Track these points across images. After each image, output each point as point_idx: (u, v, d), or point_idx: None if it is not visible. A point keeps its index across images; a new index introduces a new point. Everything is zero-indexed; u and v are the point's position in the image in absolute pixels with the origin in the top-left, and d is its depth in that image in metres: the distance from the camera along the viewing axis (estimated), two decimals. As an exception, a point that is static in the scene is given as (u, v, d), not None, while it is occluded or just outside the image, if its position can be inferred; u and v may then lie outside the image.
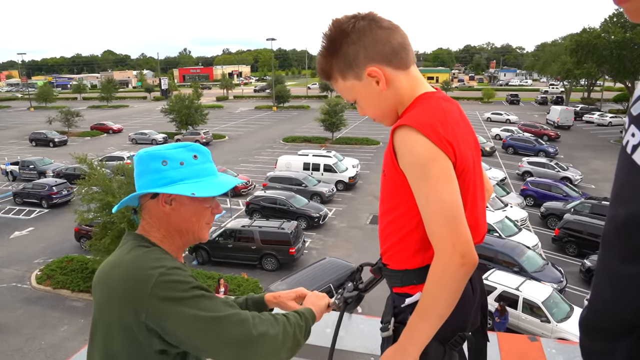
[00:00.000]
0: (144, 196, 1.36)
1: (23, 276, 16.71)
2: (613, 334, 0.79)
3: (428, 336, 1.20)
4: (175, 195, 1.32)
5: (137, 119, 57.79)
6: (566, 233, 17.50)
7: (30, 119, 59.66)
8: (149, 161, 1.34)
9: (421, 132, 1.15)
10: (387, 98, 1.28)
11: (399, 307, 1.32)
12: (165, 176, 1.32)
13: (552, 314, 11.95)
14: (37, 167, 29.58)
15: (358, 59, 1.24)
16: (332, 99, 39.59)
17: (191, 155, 1.36)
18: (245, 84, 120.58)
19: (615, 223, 0.76)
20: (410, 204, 1.22)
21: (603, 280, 0.81)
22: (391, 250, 1.33)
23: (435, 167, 1.14)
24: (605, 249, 0.80)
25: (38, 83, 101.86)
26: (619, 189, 0.78)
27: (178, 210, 1.34)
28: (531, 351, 1.86)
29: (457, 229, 1.13)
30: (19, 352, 12.47)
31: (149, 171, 1.33)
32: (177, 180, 1.32)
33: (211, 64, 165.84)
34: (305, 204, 20.93)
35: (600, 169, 28.82)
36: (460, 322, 1.28)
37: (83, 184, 15.36)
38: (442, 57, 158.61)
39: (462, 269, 1.12)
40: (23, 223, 22.11)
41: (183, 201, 1.34)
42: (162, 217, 1.34)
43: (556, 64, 55.87)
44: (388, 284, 1.40)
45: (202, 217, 1.38)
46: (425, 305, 1.19)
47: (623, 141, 0.80)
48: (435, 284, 1.16)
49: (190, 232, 1.38)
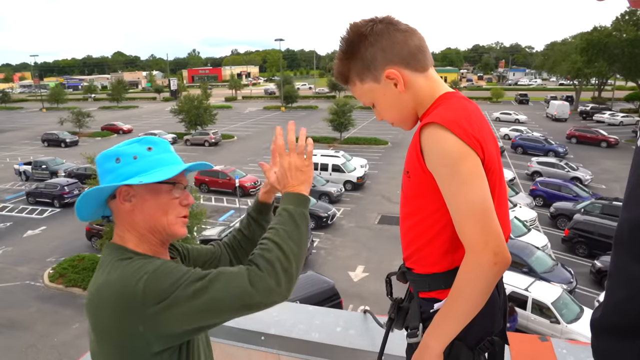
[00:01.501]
0: (108, 200, 1.29)
1: (36, 274, 16.92)
2: (626, 334, 0.78)
3: (452, 334, 1.18)
4: (132, 189, 1.25)
5: (147, 120, 58.11)
6: (576, 233, 17.36)
7: (43, 119, 60.26)
8: (104, 162, 1.28)
9: (450, 130, 1.12)
10: (406, 100, 1.27)
11: (427, 313, 1.27)
12: (120, 173, 1.24)
13: (562, 314, 11.88)
14: (49, 167, 29.89)
15: (376, 61, 1.24)
16: (341, 99, 39.54)
17: (144, 147, 1.29)
18: (254, 84, 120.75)
19: (628, 224, 0.76)
20: (436, 206, 1.20)
21: (616, 280, 0.81)
22: (417, 254, 1.29)
23: (465, 165, 1.12)
24: (619, 249, 0.80)
25: (50, 84, 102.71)
26: (632, 190, 0.77)
27: (140, 206, 1.26)
28: (542, 351, 1.87)
29: (489, 226, 1.11)
30: (32, 349, 12.64)
31: (105, 172, 1.28)
32: (132, 175, 1.24)
33: (220, 65, 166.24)
34: (314, 203, 20.92)
35: (611, 169, 28.53)
36: (488, 325, 1.25)
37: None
38: (450, 56, 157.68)
39: (495, 268, 1.10)
40: (36, 222, 22.37)
41: (144, 196, 1.25)
42: (127, 216, 1.27)
43: (566, 63, 55.25)
44: (412, 288, 1.36)
45: (170, 210, 1.28)
46: (453, 303, 1.16)
47: (638, 142, 0.80)
48: (465, 281, 1.13)
49: (160, 228, 1.28)
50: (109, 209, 1.32)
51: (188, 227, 5.73)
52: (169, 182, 1.27)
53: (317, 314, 2.16)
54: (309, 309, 2.28)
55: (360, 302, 13.78)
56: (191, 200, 1.35)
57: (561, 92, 73.57)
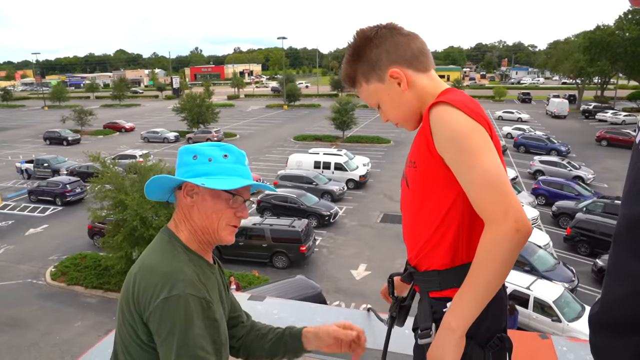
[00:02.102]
0: (175, 188, 1.43)
1: (38, 272, 16.97)
2: (623, 330, 0.78)
3: (476, 312, 1.12)
4: (196, 187, 1.36)
5: (149, 118, 58.19)
6: (578, 232, 17.35)
7: (44, 117, 60.39)
8: (183, 154, 1.42)
9: (457, 107, 1.17)
10: (409, 99, 1.32)
11: (440, 312, 1.23)
12: (192, 169, 1.37)
13: (564, 313, 11.88)
14: (51, 165, 29.93)
15: (381, 61, 1.31)
16: (343, 98, 39.53)
17: (221, 154, 1.41)
18: (256, 82, 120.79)
19: (627, 220, 0.77)
20: (445, 195, 1.21)
21: (614, 277, 0.82)
22: (425, 249, 1.27)
23: (475, 137, 1.15)
24: (617, 246, 0.80)
25: (52, 82, 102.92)
26: (631, 186, 0.78)
27: (199, 204, 1.37)
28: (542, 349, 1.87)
29: (507, 194, 1.09)
30: (34, 347, 12.68)
31: (181, 163, 1.41)
32: (202, 174, 1.36)
33: (222, 63, 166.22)
34: (316, 202, 20.96)
35: (613, 167, 28.48)
36: (497, 322, 1.24)
37: (96, 182, 15.54)
38: (453, 55, 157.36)
39: (516, 235, 1.06)
40: (38, 220, 22.43)
41: (204, 196, 1.37)
42: (185, 209, 1.39)
43: (569, 61, 55.15)
44: (421, 289, 1.34)
45: (223, 216, 1.38)
46: (476, 277, 1.11)
47: (636, 139, 0.80)
48: (488, 252, 1.09)
49: (211, 230, 1.39)
50: (174, 196, 1.45)
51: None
52: (229, 192, 1.38)
53: (318, 312, 2.16)
54: (310, 306, 2.29)
55: (362, 301, 13.79)
56: (245, 215, 1.44)
57: (564, 91, 73.46)
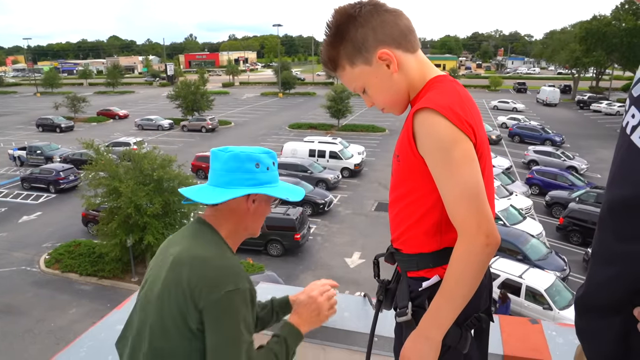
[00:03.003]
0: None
1: (32, 260, 16.94)
2: (607, 310, 0.80)
3: (451, 319, 1.19)
4: (259, 196, 1.46)
5: (143, 105, 57.79)
6: (570, 222, 17.50)
7: (37, 104, 59.79)
8: (245, 161, 1.44)
9: (443, 115, 1.13)
10: (398, 82, 1.26)
11: (416, 292, 1.29)
12: (256, 178, 1.44)
13: (555, 301, 12.02)
14: (44, 153, 29.73)
15: (367, 42, 1.22)
16: (339, 86, 39.41)
17: (272, 162, 1.49)
18: (252, 70, 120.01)
19: (610, 203, 0.78)
20: (426, 189, 1.21)
21: (599, 260, 0.84)
22: (405, 235, 1.30)
23: (458, 149, 1.13)
24: (601, 229, 0.82)
25: (44, 68, 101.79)
26: (616, 170, 0.79)
27: (257, 209, 1.48)
28: (532, 333, 1.90)
29: (481, 209, 1.12)
30: (29, 334, 12.71)
31: (242, 170, 1.43)
32: (264, 183, 1.45)
33: (217, 50, 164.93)
34: (311, 190, 20.96)
35: (607, 158, 28.60)
36: (475, 303, 1.26)
37: (90, 170, 15.48)
38: (449, 44, 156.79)
39: (487, 249, 1.11)
40: (31, 208, 22.33)
41: (262, 203, 1.48)
42: (242, 213, 1.46)
43: (565, 52, 55.20)
44: (401, 269, 1.37)
45: (266, 214, 1.54)
46: (451, 288, 1.16)
47: (623, 122, 0.81)
48: (461, 264, 1.14)
49: (253, 229, 1.52)
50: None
51: (185, 213, 5.88)
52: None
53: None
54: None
55: (356, 288, 13.89)
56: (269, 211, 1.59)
57: (559, 81, 73.54)
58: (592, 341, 0.88)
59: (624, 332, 0.78)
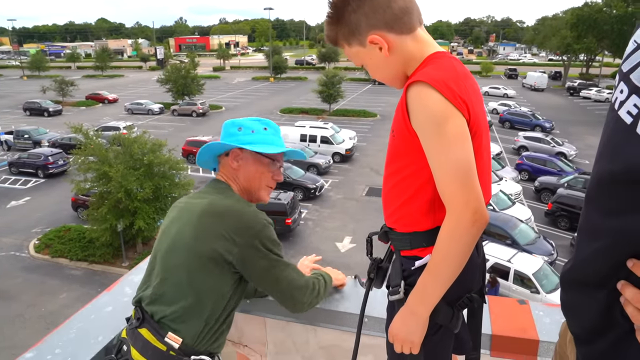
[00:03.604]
0: (221, 155, 1.65)
1: (21, 245, 16.84)
2: (592, 285, 0.81)
3: (438, 296, 1.20)
4: (241, 153, 1.60)
5: (133, 89, 57.14)
6: (559, 207, 17.69)
7: (24, 87, 58.84)
8: (229, 127, 1.65)
9: (436, 89, 1.12)
10: (393, 63, 1.27)
11: (409, 270, 1.30)
12: (238, 139, 1.60)
13: (542, 285, 12.21)
14: (32, 137, 29.34)
15: (360, 26, 1.24)
16: (330, 71, 39.19)
17: (262, 126, 1.64)
18: (243, 54, 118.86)
19: (598, 178, 0.79)
20: (419, 165, 1.21)
21: (585, 234, 0.84)
22: (398, 212, 1.30)
23: (449, 124, 1.12)
24: (588, 204, 0.83)
25: (30, 51, 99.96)
26: (604, 145, 0.80)
27: (244, 168, 1.61)
28: (519, 313, 1.93)
29: (470, 186, 1.12)
30: (20, 318, 12.69)
31: (227, 134, 1.64)
32: (246, 143, 1.59)
33: (207, 34, 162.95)
34: (302, 175, 20.98)
35: (595, 144, 27.81)
36: (468, 283, 1.28)
37: (79, 154, 15.33)
38: (441, 29, 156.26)
39: (475, 226, 1.11)
40: (19, 193, 22.11)
41: (248, 160, 1.61)
42: (232, 172, 1.62)
43: (556, 38, 55.26)
44: (394, 247, 1.38)
45: (263, 177, 1.64)
46: (437, 265, 1.17)
47: (612, 98, 0.81)
48: (447, 242, 1.14)
49: (254, 189, 1.64)
50: (218, 163, 1.67)
51: (175, 197, 5.93)
52: (269, 157, 1.63)
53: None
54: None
55: (347, 272, 13.82)
56: (281, 178, 1.71)
57: (550, 68, 73.72)
58: (576, 315, 0.90)
59: (607, 306, 0.79)
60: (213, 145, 1.62)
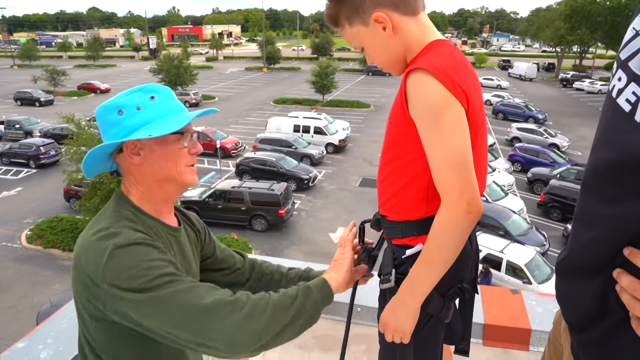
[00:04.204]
0: (113, 154, 1.26)
1: (13, 236, 16.72)
2: (588, 272, 0.81)
3: (430, 286, 1.19)
4: (139, 143, 1.21)
5: (125, 79, 56.58)
6: (551, 198, 17.80)
7: (14, 77, 58.13)
8: (105, 114, 1.24)
9: (435, 77, 1.10)
10: (394, 45, 1.25)
11: (400, 259, 1.30)
12: (125, 126, 1.21)
13: (534, 275, 12.30)
14: (24, 127, 29.07)
15: (365, 3, 1.21)
16: (324, 61, 39.02)
17: (147, 97, 1.24)
18: (236, 44, 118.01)
19: (594, 166, 0.79)
20: (415, 154, 1.20)
21: (581, 222, 0.85)
22: (392, 200, 1.30)
23: (447, 113, 1.11)
24: (584, 192, 0.83)
25: (21, 40, 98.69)
26: (601, 133, 0.79)
27: (149, 158, 1.23)
28: (512, 303, 1.95)
29: (465, 176, 1.11)
30: (12, 310, 12.63)
31: (107, 125, 1.23)
32: (138, 127, 1.20)
33: (200, 24, 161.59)
34: (295, 165, 20.95)
35: (588, 136, 28.99)
36: (460, 273, 1.28)
37: (71, 144, 15.19)
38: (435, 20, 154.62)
39: (468, 217, 1.11)
40: (11, 183, 21.92)
41: (152, 147, 1.22)
42: (135, 170, 1.25)
43: (550, 29, 55.29)
44: (386, 235, 1.38)
45: (179, 159, 1.26)
46: (430, 254, 1.16)
47: (609, 86, 0.80)
48: (441, 231, 1.13)
49: (171, 178, 1.26)
50: (116, 163, 1.29)
51: None
52: (175, 133, 1.22)
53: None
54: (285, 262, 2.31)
55: (340, 264, 14.02)
56: (199, 149, 1.32)
57: (543, 59, 73.83)
58: (571, 303, 0.90)
59: (602, 293, 0.79)
60: (96, 151, 1.21)
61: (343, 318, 1.86)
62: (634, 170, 0.69)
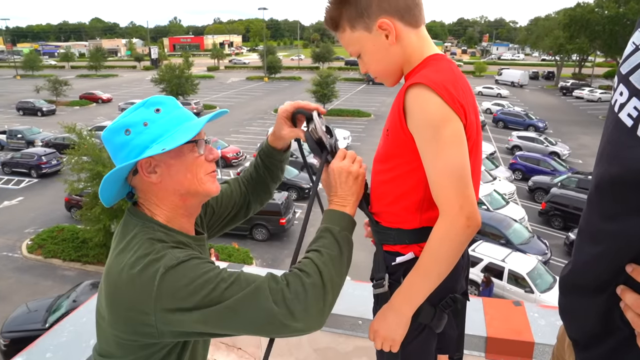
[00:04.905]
0: (128, 177, 1.22)
1: (14, 245, 16.70)
2: (592, 289, 0.80)
3: (424, 296, 1.20)
4: (153, 160, 1.18)
5: (127, 89, 56.85)
6: (552, 207, 17.76)
7: (17, 87, 58.39)
8: (112, 137, 1.19)
9: (435, 92, 1.11)
10: (394, 54, 1.25)
11: (391, 266, 1.31)
12: (135, 145, 1.16)
13: (536, 284, 12.25)
14: (26, 137, 29.14)
15: (370, 8, 1.20)
16: (324, 70, 39.17)
17: (152, 110, 1.19)
18: (237, 54, 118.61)
19: (597, 180, 0.78)
20: (412, 166, 1.20)
21: (585, 237, 0.83)
22: (386, 209, 1.31)
23: (447, 128, 1.12)
24: (589, 207, 0.82)
25: (24, 50, 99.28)
26: (604, 148, 0.79)
27: (167, 174, 1.19)
28: (515, 315, 1.93)
29: (465, 191, 1.12)
30: (11, 320, 12.55)
31: (117, 148, 1.18)
32: (149, 143, 1.16)
33: (202, 34, 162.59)
34: (296, 175, 20.96)
35: (588, 144, 29.02)
36: (452, 284, 1.29)
37: (73, 154, 15.22)
38: (435, 29, 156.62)
39: (467, 231, 1.12)
40: (12, 193, 21.93)
41: (168, 162, 1.18)
42: (156, 189, 1.21)
43: (549, 38, 55.55)
44: (375, 240, 1.37)
45: (198, 169, 1.22)
46: (426, 265, 1.17)
47: (612, 100, 0.80)
48: (439, 244, 1.14)
49: (193, 191, 1.22)
50: (130, 185, 1.25)
51: None
52: (189, 142, 1.18)
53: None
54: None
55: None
56: (217, 154, 1.29)
57: (543, 68, 74.09)
58: (575, 320, 0.89)
59: (606, 310, 0.78)
60: (110, 177, 1.17)
61: (345, 331, 1.85)
62: (635, 186, 0.68)
